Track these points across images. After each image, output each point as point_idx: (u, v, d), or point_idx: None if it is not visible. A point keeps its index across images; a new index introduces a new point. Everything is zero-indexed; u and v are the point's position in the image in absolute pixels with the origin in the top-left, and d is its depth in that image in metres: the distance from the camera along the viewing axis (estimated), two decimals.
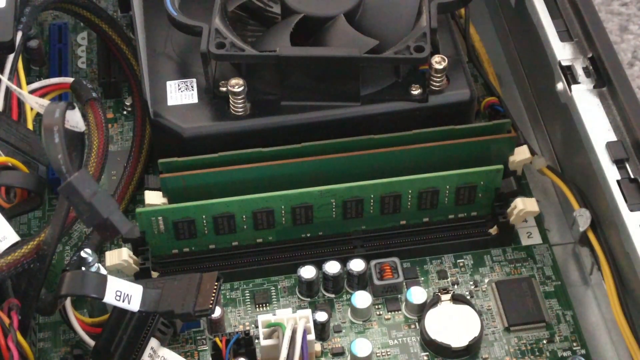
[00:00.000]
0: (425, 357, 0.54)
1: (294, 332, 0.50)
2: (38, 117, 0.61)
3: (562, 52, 0.59)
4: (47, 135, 0.43)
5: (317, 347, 0.53)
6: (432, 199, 0.56)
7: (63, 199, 0.48)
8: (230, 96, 0.56)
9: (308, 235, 0.57)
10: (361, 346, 0.52)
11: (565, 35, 0.60)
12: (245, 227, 0.55)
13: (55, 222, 0.50)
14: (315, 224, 0.56)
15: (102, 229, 0.44)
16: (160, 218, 0.54)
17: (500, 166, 0.56)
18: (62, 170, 0.43)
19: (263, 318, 0.51)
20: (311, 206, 0.55)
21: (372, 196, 0.55)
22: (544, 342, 0.55)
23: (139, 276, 0.56)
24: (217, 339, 0.52)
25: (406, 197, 0.56)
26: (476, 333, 0.53)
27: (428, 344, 0.54)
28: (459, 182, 0.56)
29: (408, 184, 0.55)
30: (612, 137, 0.54)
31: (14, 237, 0.51)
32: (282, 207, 0.54)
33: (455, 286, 0.57)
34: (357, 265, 0.56)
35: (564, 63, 0.58)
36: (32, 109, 0.58)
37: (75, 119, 0.52)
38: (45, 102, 0.54)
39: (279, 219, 0.55)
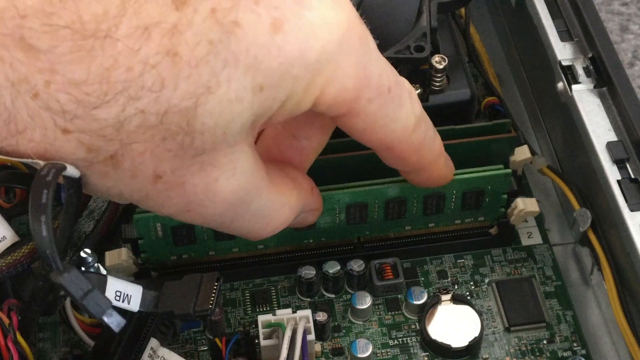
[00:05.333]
0: (426, 357, 0.54)
1: (294, 332, 0.50)
2: None
3: (563, 51, 0.59)
4: (35, 223, 0.37)
5: (317, 347, 0.53)
6: (437, 204, 0.56)
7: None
8: None
9: (310, 241, 0.57)
10: (361, 346, 0.52)
11: (565, 35, 0.60)
12: None
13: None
14: (317, 229, 0.56)
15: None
16: (158, 224, 0.53)
17: (509, 170, 0.55)
18: (52, 267, 0.42)
19: (263, 318, 0.51)
20: None
21: (376, 201, 0.55)
22: (545, 342, 0.55)
23: (138, 276, 0.56)
24: (217, 339, 0.52)
25: (412, 201, 0.55)
26: (476, 333, 0.53)
27: (428, 344, 0.54)
28: (466, 187, 0.55)
29: (413, 189, 0.54)
30: (613, 137, 0.54)
31: (14, 237, 0.51)
32: None
33: (455, 286, 0.57)
34: (357, 265, 0.56)
35: (564, 63, 0.58)
36: None
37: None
38: None
39: None
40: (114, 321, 0.43)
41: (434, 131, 0.48)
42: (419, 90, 0.57)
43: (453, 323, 0.54)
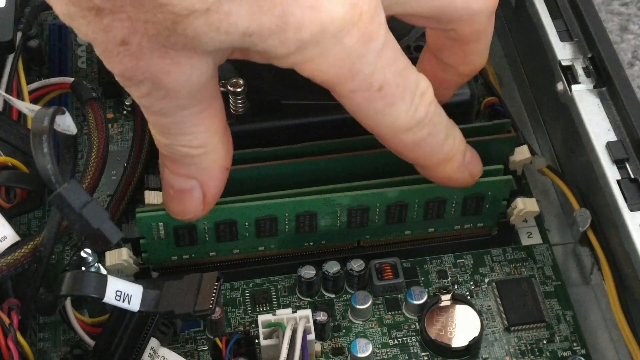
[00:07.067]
0: (426, 357, 0.54)
1: (294, 332, 0.50)
2: None
3: (563, 52, 0.59)
4: (36, 144, 0.43)
5: (317, 347, 0.53)
6: (438, 209, 0.56)
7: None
8: (230, 96, 0.56)
9: (311, 244, 0.57)
10: (361, 346, 0.52)
11: (565, 35, 0.60)
12: (247, 234, 0.55)
13: (50, 224, 0.50)
14: (318, 232, 0.56)
15: (93, 239, 0.44)
16: (160, 224, 0.53)
17: (509, 177, 0.55)
18: (51, 181, 0.43)
19: (263, 318, 0.51)
20: (316, 214, 0.54)
21: (378, 205, 0.55)
22: (544, 342, 0.55)
23: (139, 276, 0.56)
24: (217, 339, 0.52)
25: (413, 206, 0.55)
26: (476, 333, 0.53)
27: (428, 344, 0.54)
28: (466, 192, 0.55)
29: (414, 193, 0.54)
30: (613, 137, 0.54)
31: (14, 237, 0.51)
32: (287, 214, 0.54)
33: (455, 286, 0.57)
34: (357, 265, 0.56)
35: (564, 63, 0.58)
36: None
37: (66, 123, 0.52)
38: (35, 107, 0.53)
39: (282, 227, 0.55)
40: (111, 232, 0.43)
41: (443, 135, 0.49)
42: None
43: (453, 323, 0.54)
